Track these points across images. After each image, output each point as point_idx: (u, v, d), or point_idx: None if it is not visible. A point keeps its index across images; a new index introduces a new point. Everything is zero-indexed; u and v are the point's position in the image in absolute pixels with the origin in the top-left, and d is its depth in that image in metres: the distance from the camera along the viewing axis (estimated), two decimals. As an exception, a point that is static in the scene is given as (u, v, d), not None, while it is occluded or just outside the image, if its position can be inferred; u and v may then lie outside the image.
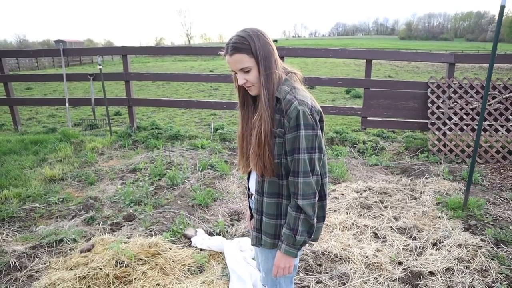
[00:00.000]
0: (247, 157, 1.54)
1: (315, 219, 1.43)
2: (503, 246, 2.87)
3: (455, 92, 5.27)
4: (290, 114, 1.34)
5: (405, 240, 2.97)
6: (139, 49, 8.40)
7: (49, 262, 2.70)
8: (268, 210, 1.50)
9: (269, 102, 1.38)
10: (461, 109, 5.20)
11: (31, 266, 2.66)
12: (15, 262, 2.66)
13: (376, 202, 3.66)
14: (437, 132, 5.15)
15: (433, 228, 3.15)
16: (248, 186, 1.67)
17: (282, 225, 1.49)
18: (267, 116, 1.37)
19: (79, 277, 2.41)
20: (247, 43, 1.35)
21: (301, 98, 1.37)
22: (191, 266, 2.64)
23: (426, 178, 4.28)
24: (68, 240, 2.94)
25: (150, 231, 3.13)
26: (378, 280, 2.50)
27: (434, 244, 2.91)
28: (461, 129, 5.12)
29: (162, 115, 8.45)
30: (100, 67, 6.11)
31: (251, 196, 1.65)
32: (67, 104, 6.62)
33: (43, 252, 2.83)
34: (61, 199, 3.77)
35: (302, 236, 1.41)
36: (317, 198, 1.41)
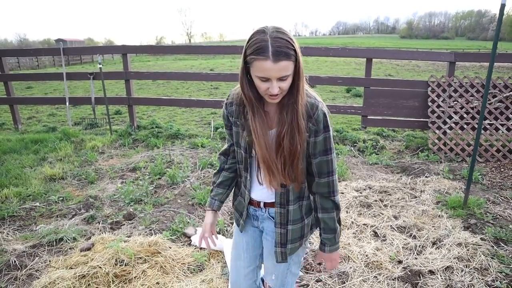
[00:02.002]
0: (273, 170, 1.37)
1: None
2: (503, 245, 2.87)
3: (455, 90, 5.26)
4: (318, 117, 1.32)
5: (405, 239, 2.97)
6: (139, 48, 8.39)
7: (49, 261, 2.70)
8: (294, 217, 1.48)
9: (304, 111, 1.30)
10: (461, 108, 5.19)
11: (31, 265, 2.66)
12: (15, 261, 2.66)
13: (376, 201, 3.66)
14: (437, 131, 5.15)
15: (433, 227, 3.15)
16: (249, 197, 1.55)
17: (306, 224, 1.53)
18: (303, 126, 1.30)
19: (79, 276, 2.41)
20: (293, 48, 1.19)
21: (319, 99, 1.37)
22: (190, 265, 2.64)
23: (426, 177, 4.27)
24: (68, 239, 2.95)
25: (150, 230, 3.13)
26: (377, 278, 2.50)
27: (434, 243, 2.91)
28: (462, 128, 5.12)
29: (162, 114, 8.45)
30: (101, 66, 6.11)
31: (253, 207, 1.57)
32: (67, 103, 6.62)
33: (43, 251, 2.83)
34: (61, 198, 3.77)
35: (339, 228, 1.51)
36: None
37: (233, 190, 1.68)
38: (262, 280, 1.80)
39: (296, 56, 1.20)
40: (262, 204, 1.54)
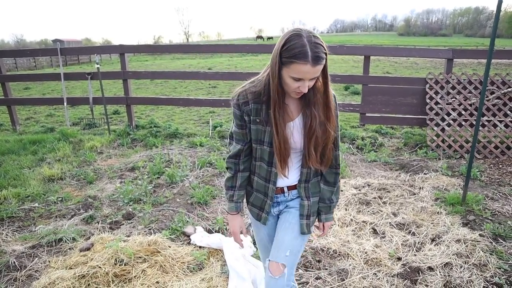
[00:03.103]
0: (284, 158, 1.49)
1: None
2: (501, 241, 2.88)
3: (453, 87, 5.27)
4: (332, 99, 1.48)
5: (404, 236, 2.98)
6: (137, 48, 8.38)
7: (49, 262, 2.70)
8: (313, 190, 1.64)
9: (333, 100, 1.46)
10: (459, 105, 5.20)
11: (31, 266, 2.66)
12: (14, 262, 2.66)
13: (375, 198, 3.66)
14: (435, 128, 5.16)
15: (431, 223, 3.16)
16: (274, 188, 1.62)
17: (320, 198, 1.67)
18: (334, 117, 1.47)
19: (78, 276, 2.41)
20: (326, 52, 1.29)
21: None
22: (190, 264, 2.64)
23: (424, 173, 4.28)
24: (68, 239, 2.95)
25: (149, 229, 3.13)
26: (377, 275, 2.50)
27: (433, 240, 2.91)
28: (460, 125, 5.13)
29: (160, 113, 8.44)
30: (98, 66, 6.09)
31: (278, 195, 1.65)
32: (65, 103, 6.61)
33: (42, 252, 2.83)
34: (60, 199, 3.77)
35: (335, 201, 1.70)
36: None
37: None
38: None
39: (326, 58, 1.31)
40: (285, 189, 1.63)
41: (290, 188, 1.64)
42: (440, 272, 2.50)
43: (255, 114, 1.47)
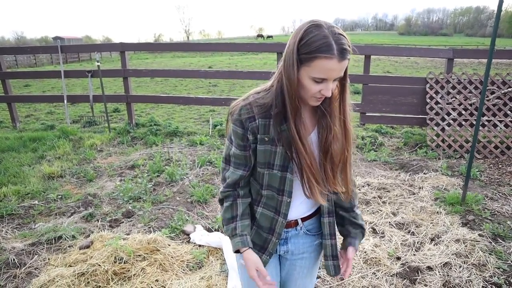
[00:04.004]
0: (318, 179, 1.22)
1: None
2: (500, 241, 2.88)
3: (453, 87, 5.27)
4: None
5: (404, 235, 2.98)
6: (137, 46, 8.39)
7: (48, 259, 2.70)
8: (335, 228, 1.39)
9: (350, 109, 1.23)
10: (459, 105, 5.20)
11: (30, 263, 2.66)
12: (14, 259, 2.66)
13: (374, 197, 3.66)
14: (435, 128, 5.15)
15: (431, 223, 3.16)
16: (284, 222, 1.31)
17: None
18: (351, 129, 1.26)
19: (78, 273, 2.42)
20: (349, 45, 1.07)
21: None
22: (190, 262, 2.65)
23: (424, 173, 4.28)
24: (67, 237, 2.95)
25: (149, 227, 3.13)
26: (376, 275, 2.51)
27: (432, 239, 2.92)
28: (460, 125, 5.12)
29: (160, 112, 8.43)
30: (98, 63, 6.09)
31: (288, 230, 1.36)
32: (65, 101, 6.60)
33: (42, 249, 2.83)
34: (60, 196, 3.77)
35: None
36: None
37: None
38: None
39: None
40: (299, 221, 1.35)
41: (304, 219, 1.36)
42: (439, 272, 2.51)
43: (263, 132, 1.19)
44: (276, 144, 1.19)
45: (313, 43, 1.02)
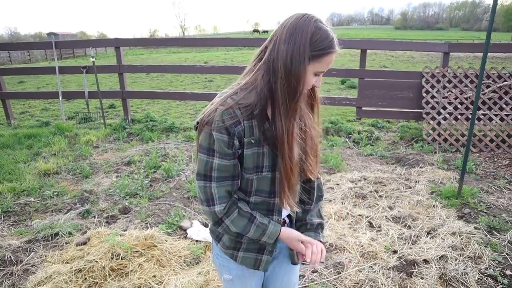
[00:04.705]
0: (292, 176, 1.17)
1: None
2: (496, 233, 2.90)
3: (449, 81, 5.28)
4: None
5: (400, 229, 3.00)
6: (132, 41, 8.31)
7: (45, 256, 2.69)
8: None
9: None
10: (455, 99, 5.22)
11: (27, 260, 2.65)
12: (10, 257, 2.66)
13: (371, 191, 3.68)
14: (431, 122, 5.17)
15: (427, 216, 3.18)
16: (278, 217, 1.28)
17: None
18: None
19: (75, 270, 2.41)
20: None
21: None
22: (187, 258, 2.65)
23: (420, 167, 4.30)
24: (64, 234, 2.94)
25: (146, 223, 3.13)
26: (373, 268, 2.52)
27: (428, 233, 2.94)
28: (456, 119, 5.14)
29: (156, 107, 8.40)
30: (93, 59, 6.04)
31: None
32: (60, 97, 6.56)
33: (38, 246, 2.82)
34: (56, 193, 3.75)
35: None
36: None
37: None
38: None
39: None
40: (286, 219, 1.36)
41: (289, 217, 1.37)
42: (435, 265, 2.53)
43: (249, 135, 1.11)
44: (262, 144, 1.13)
45: (324, 40, 1.03)
